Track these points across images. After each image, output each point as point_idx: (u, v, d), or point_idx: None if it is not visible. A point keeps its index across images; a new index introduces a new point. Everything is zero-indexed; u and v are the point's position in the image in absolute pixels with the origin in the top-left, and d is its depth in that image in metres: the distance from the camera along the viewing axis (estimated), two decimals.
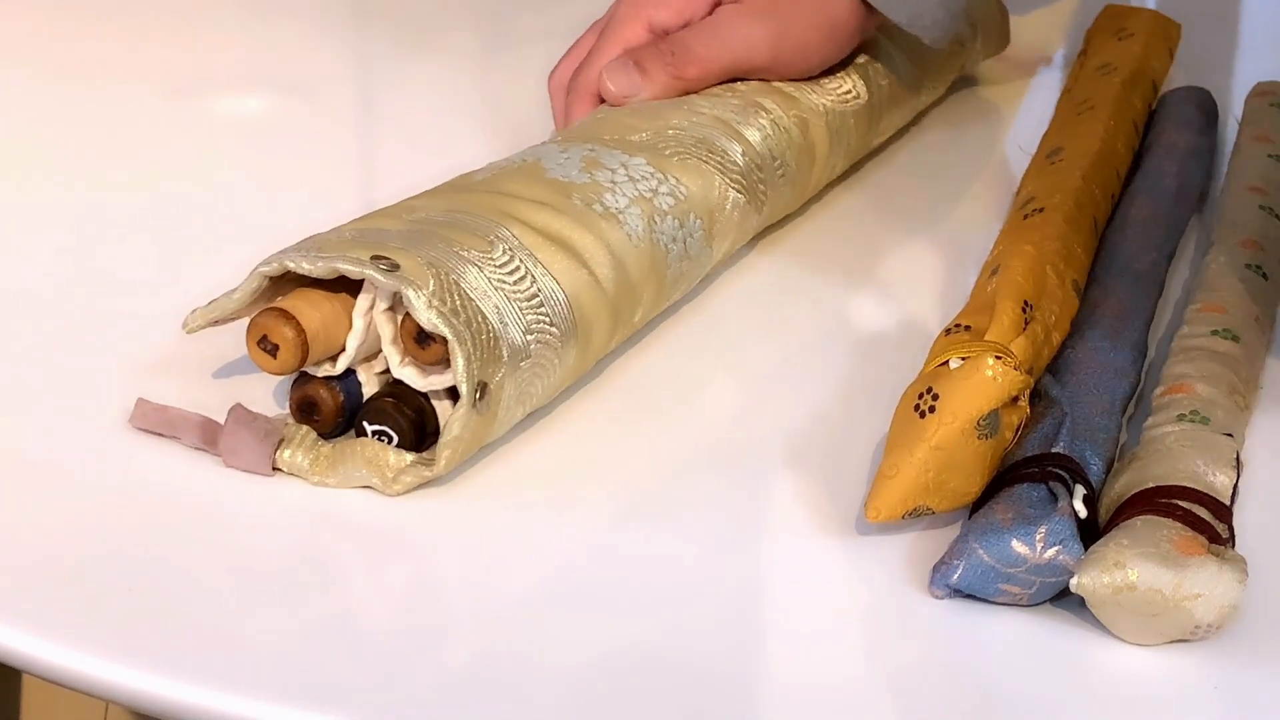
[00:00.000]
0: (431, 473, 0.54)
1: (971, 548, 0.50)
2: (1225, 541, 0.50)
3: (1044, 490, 0.51)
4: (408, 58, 0.91)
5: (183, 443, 0.56)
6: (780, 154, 0.70)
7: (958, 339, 0.55)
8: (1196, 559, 0.48)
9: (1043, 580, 0.49)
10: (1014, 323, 0.56)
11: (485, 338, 0.54)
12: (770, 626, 0.51)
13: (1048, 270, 0.61)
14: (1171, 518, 0.50)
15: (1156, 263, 0.68)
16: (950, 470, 0.52)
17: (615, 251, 0.60)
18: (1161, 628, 0.49)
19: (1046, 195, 0.69)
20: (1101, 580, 0.48)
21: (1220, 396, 0.58)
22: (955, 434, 0.52)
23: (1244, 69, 1.00)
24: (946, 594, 0.50)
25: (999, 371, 0.52)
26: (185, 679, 0.46)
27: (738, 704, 0.47)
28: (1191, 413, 0.56)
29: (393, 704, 0.46)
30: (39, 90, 0.85)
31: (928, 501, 0.52)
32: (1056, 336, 0.60)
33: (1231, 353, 0.61)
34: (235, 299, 0.56)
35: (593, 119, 0.70)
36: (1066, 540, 0.49)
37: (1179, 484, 0.51)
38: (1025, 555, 0.49)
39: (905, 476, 0.52)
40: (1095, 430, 0.55)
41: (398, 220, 0.58)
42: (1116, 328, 0.62)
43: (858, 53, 0.77)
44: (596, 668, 0.48)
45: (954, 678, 0.49)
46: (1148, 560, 0.48)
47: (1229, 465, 0.53)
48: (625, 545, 0.53)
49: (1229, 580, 0.48)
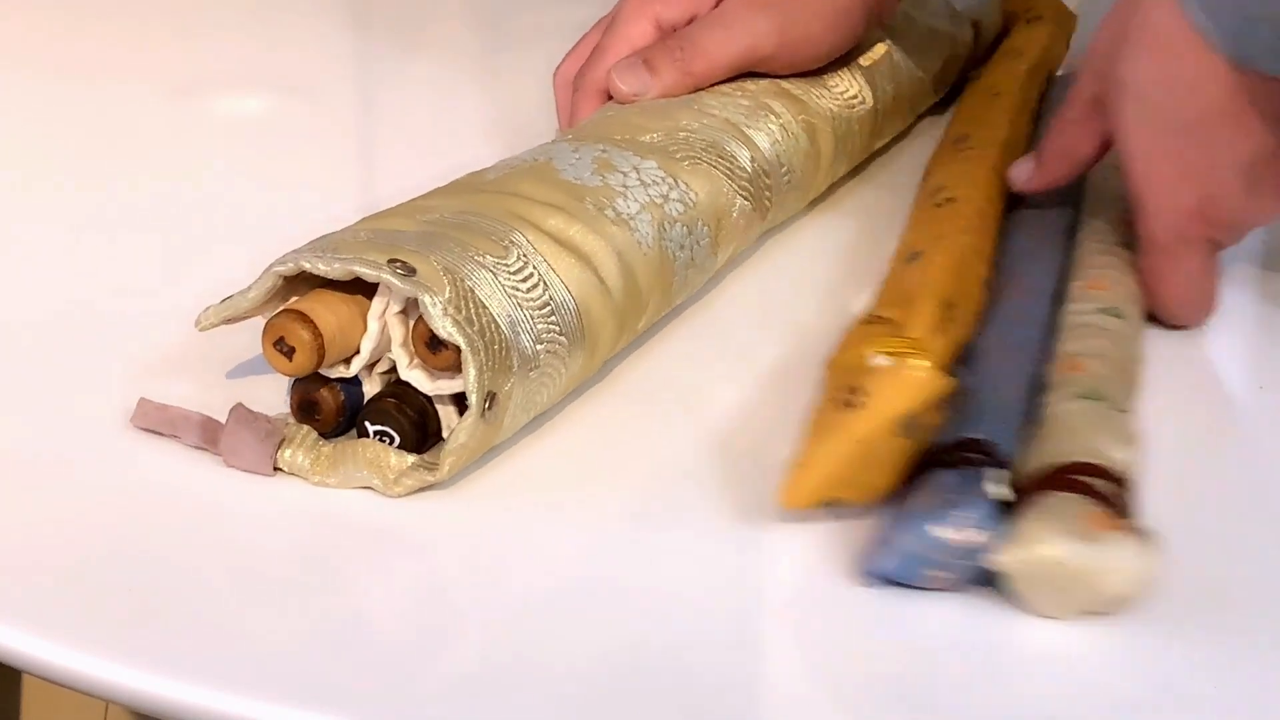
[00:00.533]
0: (434, 477, 0.54)
1: (892, 536, 0.50)
2: (1131, 516, 0.51)
3: (961, 475, 0.52)
4: (408, 58, 0.91)
5: (183, 442, 0.56)
6: (788, 161, 0.70)
7: (878, 331, 0.56)
8: (1111, 534, 0.49)
9: (967, 563, 0.50)
10: (936, 323, 0.56)
11: (497, 347, 0.54)
12: (775, 628, 0.51)
13: (967, 268, 0.62)
14: (1081, 494, 0.51)
15: (1055, 242, 0.69)
16: (868, 464, 0.52)
17: (625, 259, 0.60)
18: (1077, 602, 0.49)
19: (956, 185, 0.70)
20: (1019, 555, 0.49)
21: (1113, 373, 0.59)
22: (878, 430, 0.52)
23: None
24: (876, 583, 0.51)
25: (928, 375, 0.53)
26: (185, 679, 0.46)
27: (740, 704, 0.47)
28: (1089, 390, 0.57)
29: (395, 704, 0.46)
30: (39, 90, 0.85)
31: (842, 493, 0.53)
32: (969, 334, 0.61)
33: (1119, 330, 0.62)
34: (250, 298, 0.56)
35: (602, 117, 0.70)
36: (984, 522, 0.50)
37: (1084, 460, 0.52)
38: (946, 540, 0.50)
39: (823, 467, 0.52)
40: (1008, 412, 0.56)
41: (411, 220, 0.58)
42: (1022, 309, 0.63)
43: (863, 56, 0.77)
44: (601, 669, 0.48)
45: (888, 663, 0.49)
46: (1064, 536, 0.49)
47: (1129, 441, 0.54)
48: (629, 546, 0.53)
49: (1143, 555, 0.49)
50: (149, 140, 0.81)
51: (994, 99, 0.79)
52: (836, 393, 0.53)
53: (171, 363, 0.60)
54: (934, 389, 0.53)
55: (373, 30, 0.96)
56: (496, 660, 0.48)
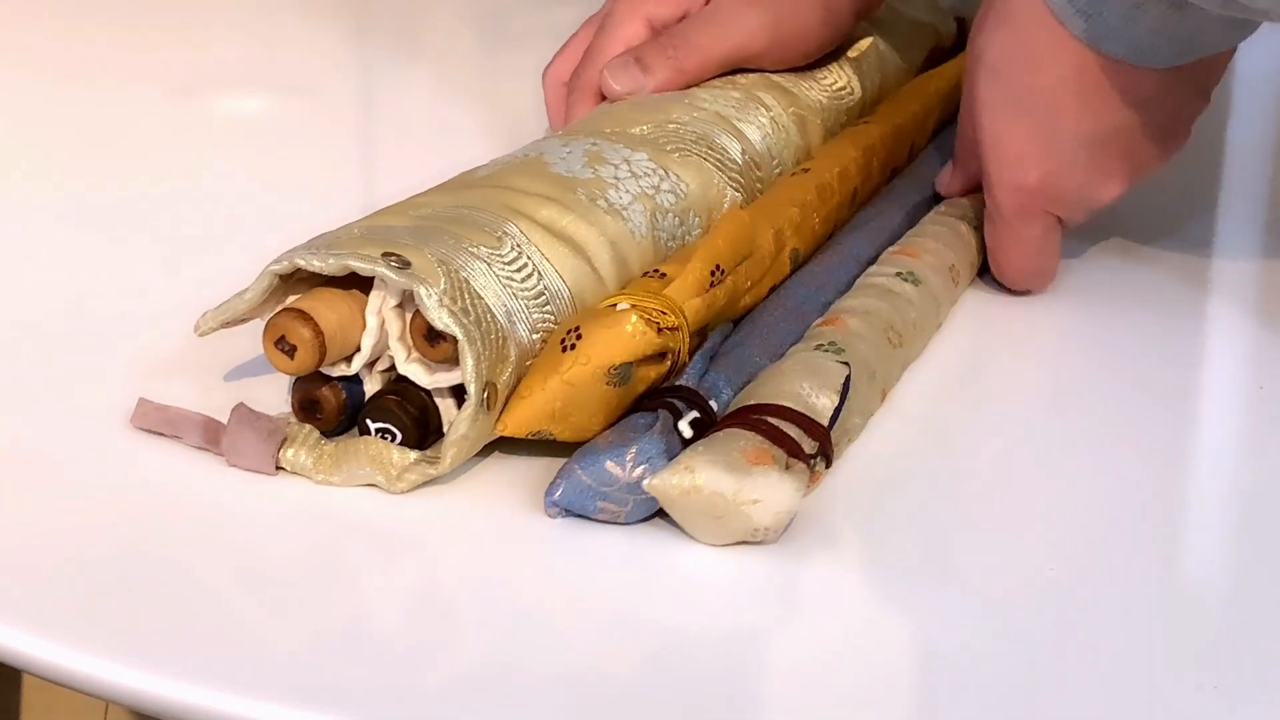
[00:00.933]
0: (436, 470, 0.54)
1: (572, 469, 0.53)
2: (810, 458, 0.53)
3: (653, 417, 0.55)
4: (407, 58, 0.91)
5: (185, 442, 0.56)
6: (779, 153, 0.70)
7: (646, 284, 0.58)
8: (760, 468, 0.51)
9: (635, 498, 0.52)
10: (698, 283, 0.58)
11: (494, 337, 0.54)
12: (775, 630, 0.51)
13: (768, 236, 0.63)
14: (755, 431, 0.53)
15: (906, 213, 0.71)
16: (576, 405, 0.54)
17: (619, 249, 0.60)
18: (727, 529, 0.52)
19: (820, 158, 0.71)
20: (670, 481, 0.51)
21: (869, 332, 0.60)
22: (586, 375, 0.54)
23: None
24: (558, 513, 0.53)
25: (638, 329, 0.55)
26: (185, 679, 0.46)
27: (742, 704, 0.47)
28: (830, 344, 0.59)
29: (396, 704, 0.46)
30: (39, 90, 0.85)
31: (551, 428, 0.55)
32: (749, 300, 0.62)
33: (906, 294, 0.63)
34: (247, 299, 0.56)
35: (591, 114, 0.70)
36: (654, 458, 0.52)
37: (776, 403, 0.54)
38: (617, 474, 0.52)
39: (536, 401, 0.54)
40: (742, 365, 0.58)
41: (404, 217, 0.58)
42: (821, 274, 0.65)
43: (851, 48, 0.78)
44: (602, 670, 0.48)
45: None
46: (713, 466, 0.51)
47: (834, 389, 0.55)
48: (632, 546, 0.53)
49: (787, 489, 0.51)
50: (149, 140, 0.81)
51: (923, 81, 0.81)
52: (565, 334, 0.55)
53: (172, 364, 0.60)
54: (644, 344, 0.55)
55: (373, 30, 0.96)
56: (497, 661, 0.48)
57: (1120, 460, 0.58)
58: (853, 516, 0.54)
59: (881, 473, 0.57)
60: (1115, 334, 0.68)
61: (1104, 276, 0.73)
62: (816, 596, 0.51)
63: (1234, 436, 0.63)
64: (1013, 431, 0.61)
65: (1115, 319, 0.69)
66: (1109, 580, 0.52)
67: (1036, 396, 0.64)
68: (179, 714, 0.46)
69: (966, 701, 0.46)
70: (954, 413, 0.62)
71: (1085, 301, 0.71)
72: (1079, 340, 0.68)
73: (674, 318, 0.56)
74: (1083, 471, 0.58)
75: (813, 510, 0.54)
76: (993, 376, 0.66)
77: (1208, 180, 0.80)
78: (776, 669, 0.48)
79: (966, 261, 0.69)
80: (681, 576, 0.51)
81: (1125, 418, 0.61)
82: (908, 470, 0.58)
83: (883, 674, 0.48)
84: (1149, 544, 0.54)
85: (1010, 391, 0.64)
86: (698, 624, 0.49)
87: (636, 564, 0.52)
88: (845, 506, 0.55)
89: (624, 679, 0.47)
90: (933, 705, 0.47)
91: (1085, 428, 0.61)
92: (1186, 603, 0.52)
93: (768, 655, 0.49)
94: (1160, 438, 0.60)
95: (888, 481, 0.56)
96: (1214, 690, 0.47)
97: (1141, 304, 0.71)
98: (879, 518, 0.55)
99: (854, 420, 0.58)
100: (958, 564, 0.53)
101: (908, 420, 0.60)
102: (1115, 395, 0.63)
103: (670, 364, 0.56)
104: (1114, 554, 0.53)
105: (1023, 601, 0.50)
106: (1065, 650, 0.48)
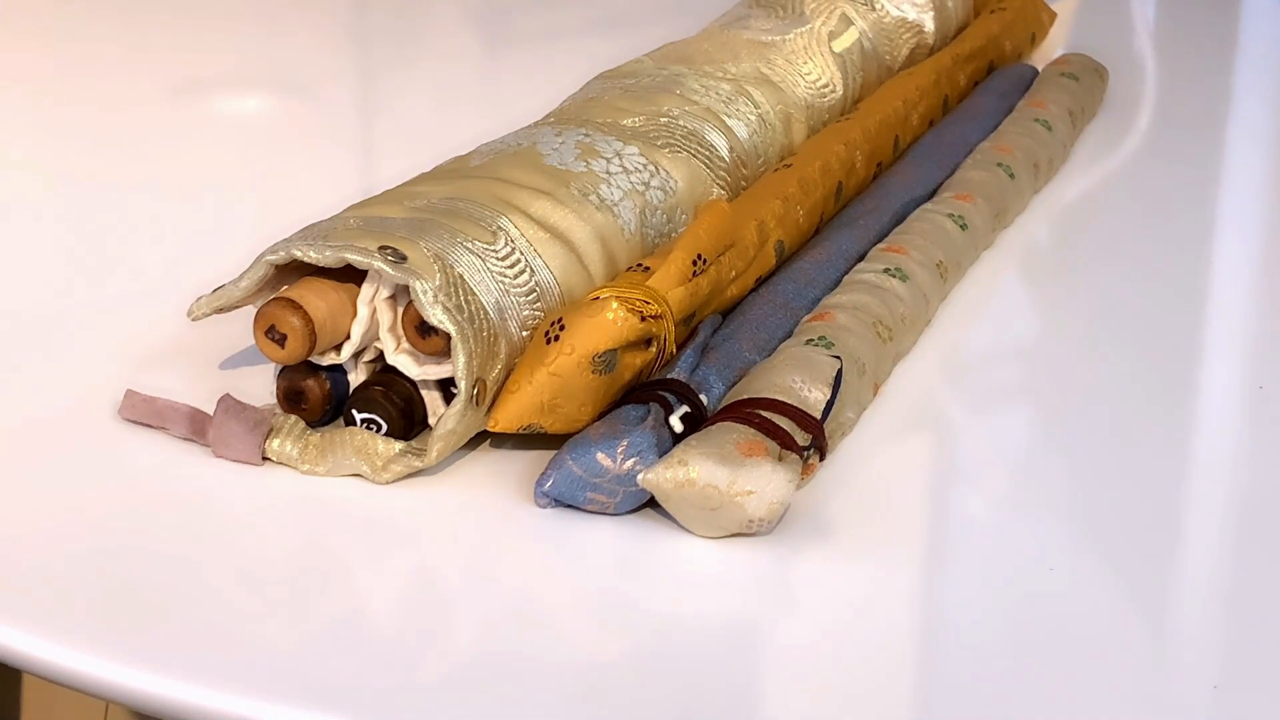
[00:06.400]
0: (421, 463, 0.54)
1: (563, 459, 0.53)
2: (803, 450, 0.53)
3: (645, 410, 0.55)
4: (407, 58, 0.91)
5: (171, 434, 0.56)
6: (764, 151, 0.71)
7: (631, 277, 0.58)
8: (753, 459, 0.51)
9: (625, 490, 0.53)
10: (680, 273, 0.58)
11: (486, 334, 0.54)
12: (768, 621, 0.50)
13: (750, 227, 0.63)
14: (748, 424, 0.53)
15: (895, 210, 0.71)
16: (563, 396, 0.54)
17: (609, 245, 0.60)
18: (721, 521, 0.52)
19: (804, 152, 0.71)
20: (664, 475, 0.51)
21: (859, 326, 0.60)
22: (572, 364, 0.54)
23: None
24: (547, 503, 0.53)
25: (620, 316, 0.55)
26: (183, 677, 0.46)
27: (735, 694, 0.47)
28: (820, 338, 0.59)
29: (387, 698, 0.45)
30: (39, 90, 0.85)
31: (541, 421, 0.55)
32: (734, 290, 0.62)
33: (894, 290, 0.64)
34: (241, 287, 0.56)
35: (585, 97, 0.70)
36: (645, 452, 0.53)
37: (768, 396, 0.54)
38: (608, 466, 0.53)
39: (524, 394, 0.54)
40: (733, 359, 0.58)
41: (399, 207, 0.58)
42: (813, 273, 0.65)
43: (836, 42, 0.78)
44: (597, 662, 0.47)
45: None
46: (707, 459, 0.51)
47: (825, 383, 0.55)
48: (625, 539, 0.53)
49: (780, 479, 0.51)
50: (149, 140, 0.81)
51: (904, 78, 0.81)
52: (549, 326, 0.55)
53: (167, 357, 0.60)
54: (626, 331, 0.55)
55: (373, 30, 0.96)
56: (488, 651, 0.48)
57: (1120, 459, 0.58)
58: (846, 509, 0.54)
59: (875, 466, 0.57)
60: (1114, 332, 0.68)
61: (1102, 275, 0.73)
62: (810, 588, 0.51)
63: (1234, 436, 0.62)
64: (1008, 428, 0.61)
65: (1114, 318, 0.69)
66: (1108, 579, 0.51)
67: (1033, 394, 0.64)
68: (178, 713, 0.46)
69: (961, 694, 0.46)
70: (947, 408, 0.62)
71: (1083, 299, 0.71)
72: (1076, 338, 0.68)
73: (657, 306, 0.56)
74: (1082, 470, 0.58)
75: (806, 503, 0.54)
76: (987, 372, 0.65)
77: (1208, 179, 0.79)
78: (770, 660, 0.48)
79: (954, 258, 0.68)
80: (675, 567, 0.51)
81: (1125, 417, 0.61)
82: (901, 463, 0.57)
83: (876, 664, 0.47)
84: (1148, 543, 0.53)
85: (1006, 388, 0.64)
86: (691, 615, 0.49)
87: (630, 555, 0.52)
88: (839, 499, 0.54)
89: (617, 670, 0.47)
90: (926, 696, 0.47)
91: (1083, 426, 0.60)
92: (1186, 603, 0.51)
93: (761, 646, 0.49)
94: (1160, 437, 0.60)
95: (881, 474, 0.56)
96: (1214, 690, 0.46)
97: (1141, 303, 0.70)
98: (872, 510, 0.55)
99: (847, 414, 0.57)
100: (952, 558, 0.53)
101: (900, 414, 0.60)
102: (1114, 393, 0.63)
103: (656, 352, 0.56)
104: (1113, 553, 0.53)
105: (1019, 597, 0.50)
106: (1063, 646, 0.48)
